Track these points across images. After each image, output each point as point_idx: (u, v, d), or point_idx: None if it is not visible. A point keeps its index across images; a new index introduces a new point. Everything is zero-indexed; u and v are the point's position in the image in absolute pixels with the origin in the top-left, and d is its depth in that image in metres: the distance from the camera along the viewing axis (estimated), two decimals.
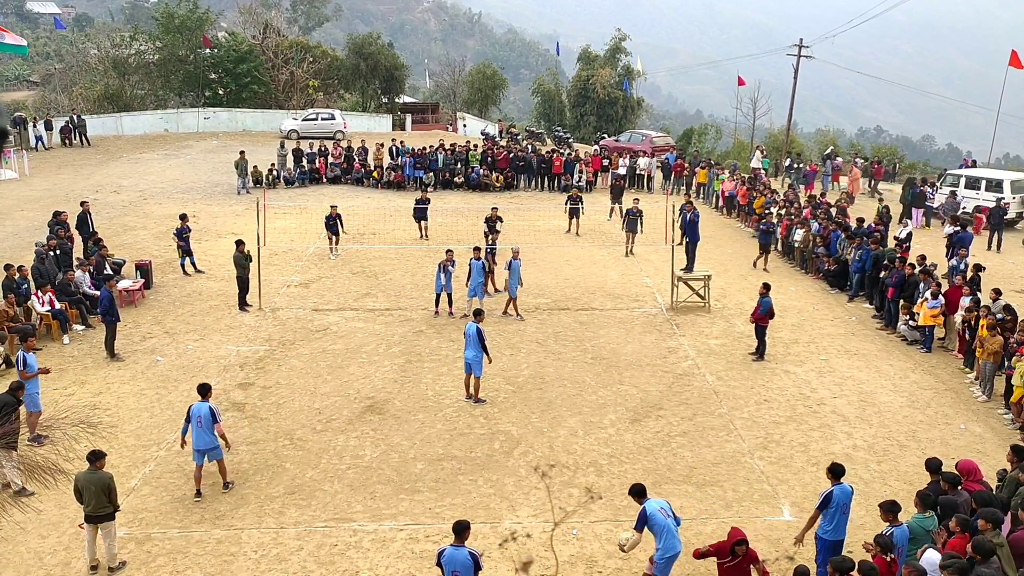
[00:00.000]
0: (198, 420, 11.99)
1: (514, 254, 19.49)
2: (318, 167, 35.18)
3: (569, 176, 34.70)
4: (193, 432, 12.06)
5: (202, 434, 12.00)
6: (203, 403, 12.15)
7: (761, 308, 17.17)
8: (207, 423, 11.99)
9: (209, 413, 12.03)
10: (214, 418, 12.04)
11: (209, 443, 12.09)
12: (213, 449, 12.20)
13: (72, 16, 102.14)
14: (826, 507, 9.99)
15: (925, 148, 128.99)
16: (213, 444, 12.15)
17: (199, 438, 12.02)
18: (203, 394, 12.31)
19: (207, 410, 12.04)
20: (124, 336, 18.00)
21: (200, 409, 12.06)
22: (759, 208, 28.20)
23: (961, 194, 29.04)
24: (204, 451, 12.11)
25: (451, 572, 8.93)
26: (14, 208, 28.69)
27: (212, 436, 12.10)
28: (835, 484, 10.07)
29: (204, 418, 11.98)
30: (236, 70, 51.78)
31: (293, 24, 74.24)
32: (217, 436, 12.18)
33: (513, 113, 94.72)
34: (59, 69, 66.03)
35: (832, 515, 10.00)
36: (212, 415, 12.04)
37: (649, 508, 9.56)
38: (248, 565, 10.84)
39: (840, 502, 9.98)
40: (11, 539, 11.18)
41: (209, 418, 12.00)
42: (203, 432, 12.00)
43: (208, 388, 12.48)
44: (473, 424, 14.64)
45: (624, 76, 56.68)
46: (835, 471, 10.17)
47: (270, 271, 22.04)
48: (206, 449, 12.11)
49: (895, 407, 15.44)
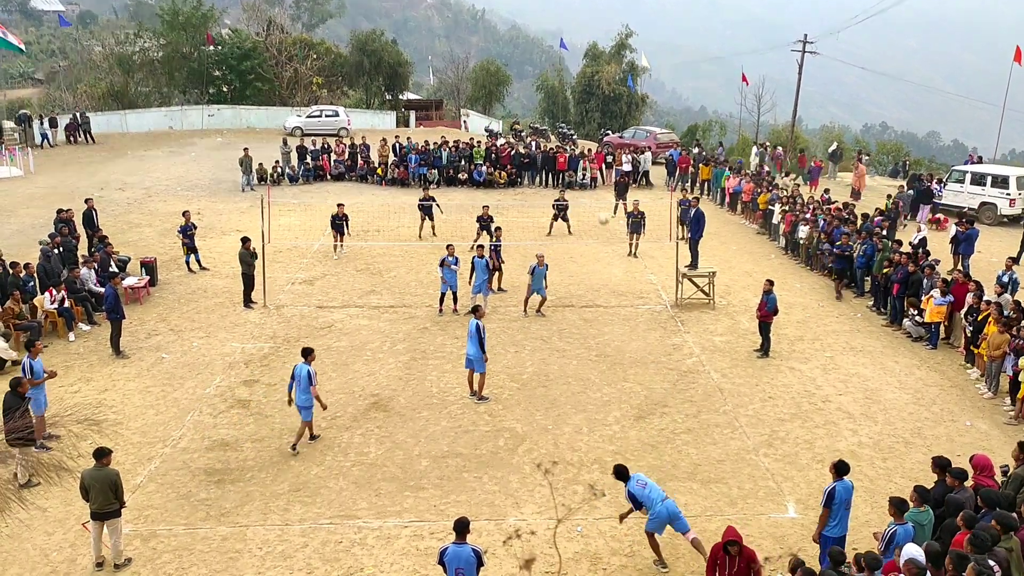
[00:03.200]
0: (296, 379, 13.34)
1: (539, 260, 19.38)
2: (322, 164, 35.21)
3: (573, 173, 34.69)
4: (295, 390, 13.45)
5: (299, 392, 13.36)
6: (304, 365, 13.36)
7: (767, 305, 17.14)
8: (304, 384, 13.24)
9: (307, 375, 13.27)
10: (310, 380, 13.28)
11: (304, 402, 13.37)
12: (305, 409, 13.42)
13: (76, 13, 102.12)
14: (831, 504, 9.96)
15: (930, 144, 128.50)
16: (308, 404, 13.40)
17: (299, 397, 13.40)
18: (305, 356, 13.51)
19: (306, 372, 13.27)
20: (129, 333, 18.04)
21: (300, 370, 13.33)
22: (763, 204, 28.17)
23: (967, 190, 29.04)
24: (303, 407, 13.42)
25: (455, 570, 8.93)
26: (19, 205, 28.75)
27: (307, 396, 13.33)
28: (837, 480, 10.05)
29: (302, 379, 13.24)
30: (240, 67, 51.80)
31: (297, 21, 74.29)
32: (312, 396, 13.37)
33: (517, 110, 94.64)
34: (63, 66, 66.21)
35: (835, 511, 9.99)
36: (308, 377, 13.28)
37: (630, 488, 10.60)
38: (253, 562, 10.86)
39: (843, 498, 9.97)
40: (17, 536, 11.22)
41: (306, 380, 13.26)
42: (300, 391, 13.33)
43: (310, 351, 13.66)
44: (478, 421, 14.64)
45: (629, 72, 56.58)
46: (839, 468, 10.14)
47: (275, 268, 22.07)
48: (304, 406, 13.40)
49: (900, 404, 15.41)
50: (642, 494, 10.48)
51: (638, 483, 10.57)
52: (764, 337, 17.55)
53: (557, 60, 67.18)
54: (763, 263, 24.49)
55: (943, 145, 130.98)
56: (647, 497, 10.47)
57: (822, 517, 10.14)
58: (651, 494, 10.49)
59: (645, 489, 10.50)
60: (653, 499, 10.46)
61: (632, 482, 10.62)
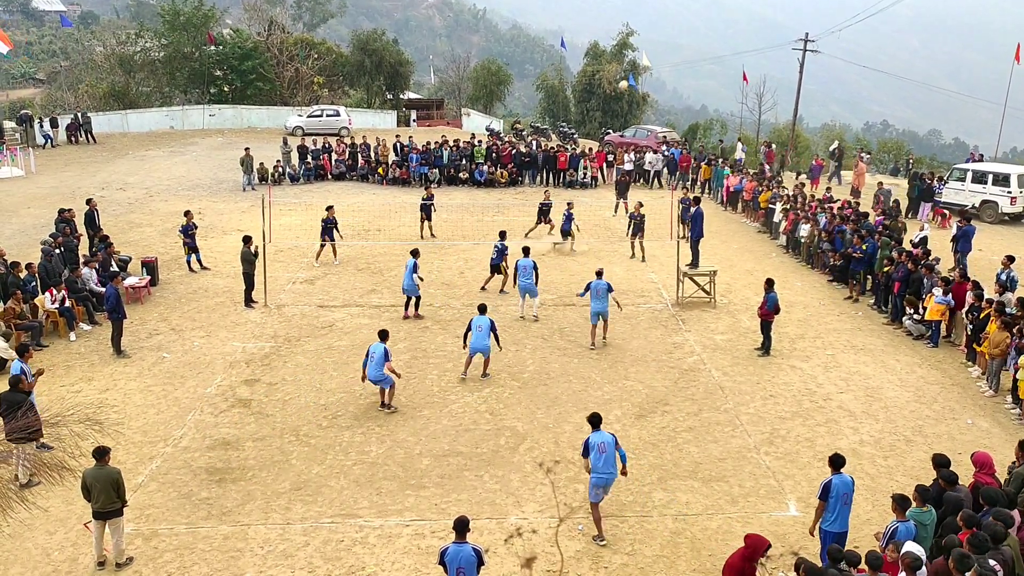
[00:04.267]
0: (371, 356, 14.56)
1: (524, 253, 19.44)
2: (323, 164, 35.23)
3: (574, 172, 34.70)
4: (369, 367, 14.57)
5: (373, 368, 14.59)
6: (379, 344, 14.69)
7: (768, 304, 17.14)
8: (379, 361, 14.53)
9: (383, 353, 14.55)
10: (386, 357, 14.61)
11: (378, 376, 14.62)
12: (382, 380, 14.72)
13: (78, 14, 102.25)
14: (826, 496, 9.94)
15: (932, 142, 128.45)
16: (382, 377, 14.67)
17: (372, 372, 14.61)
18: (382, 338, 14.90)
19: (382, 350, 14.56)
20: (130, 333, 18.06)
21: (376, 349, 14.59)
22: (764, 203, 28.16)
23: (968, 188, 29.01)
24: (376, 381, 14.71)
25: (456, 569, 8.91)
26: (20, 205, 28.78)
27: (381, 371, 14.59)
28: (834, 474, 10.03)
29: (377, 356, 14.52)
30: (241, 67, 51.84)
31: (298, 21, 74.51)
32: (387, 371, 14.67)
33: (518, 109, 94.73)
34: (65, 67, 66.31)
35: (833, 506, 9.94)
36: (385, 354, 14.59)
37: (590, 439, 11.13)
38: (255, 561, 10.87)
39: (840, 492, 9.92)
40: (18, 535, 11.24)
41: (381, 357, 14.55)
42: (374, 367, 14.57)
43: (386, 333, 15.17)
44: (479, 420, 14.65)
45: (630, 71, 56.58)
46: (835, 461, 10.13)
47: (276, 268, 22.08)
48: (376, 380, 14.68)
49: (901, 402, 15.40)
50: (594, 455, 11.02)
51: (601, 447, 11.02)
52: (765, 335, 17.54)
53: (558, 59, 67.17)
54: (764, 262, 24.48)
55: (944, 143, 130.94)
56: (596, 459, 11.00)
57: (818, 509, 10.15)
58: (599, 463, 10.99)
59: (601, 455, 10.99)
60: (598, 467, 11.00)
61: (597, 436, 11.13)
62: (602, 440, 11.07)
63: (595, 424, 11.26)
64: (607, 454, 11.01)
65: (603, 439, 11.08)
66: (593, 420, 11.32)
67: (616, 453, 11.14)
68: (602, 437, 11.11)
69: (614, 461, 11.11)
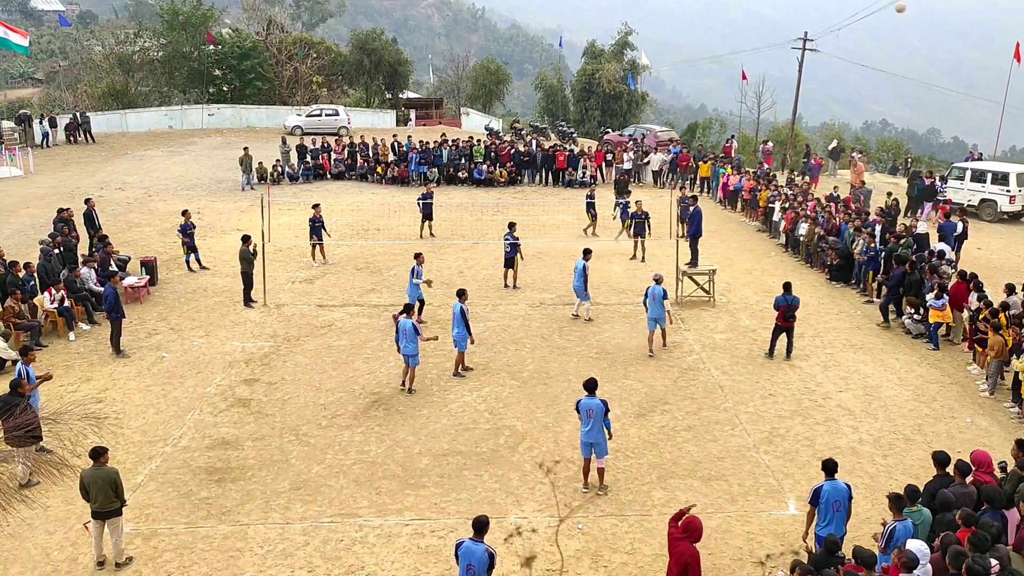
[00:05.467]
0: (403, 332, 15.00)
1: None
2: (322, 163, 35.22)
3: (573, 171, 34.70)
4: (401, 341, 15.11)
5: (406, 343, 15.00)
6: (407, 320, 15.13)
7: (787, 310, 16.76)
8: (411, 335, 14.94)
9: (411, 327, 14.95)
10: (416, 332, 15.01)
11: (410, 350, 15.04)
12: (412, 356, 15.13)
13: (76, 13, 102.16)
14: (816, 502, 9.88)
15: (931, 141, 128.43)
16: (414, 352, 15.07)
17: (405, 346, 15.07)
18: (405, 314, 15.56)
19: (410, 325, 14.97)
20: (129, 333, 18.05)
21: (404, 325, 15.04)
22: (763, 202, 28.16)
23: (967, 187, 29.02)
24: (406, 356, 15.15)
25: (466, 566, 8.87)
26: (19, 205, 28.76)
27: (413, 345, 15.02)
28: (827, 480, 9.95)
29: (407, 330, 14.92)
30: (240, 66, 51.81)
31: (297, 20, 74.48)
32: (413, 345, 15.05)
33: (517, 108, 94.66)
34: (64, 66, 66.26)
35: (823, 512, 9.86)
36: (413, 329, 14.98)
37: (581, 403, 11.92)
38: (254, 560, 10.87)
39: (831, 498, 9.80)
40: (18, 535, 11.23)
41: (411, 331, 14.94)
42: (407, 342, 14.97)
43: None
44: (478, 419, 14.65)
45: (629, 70, 56.56)
46: (827, 467, 10.04)
47: (275, 267, 22.07)
48: (407, 355, 15.12)
49: (901, 401, 15.41)
50: (583, 419, 11.87)
51: (589, 412, 11.72)
52: (788, 340, 17.16)
53: (557, 59, 67.17)
54: (763, 261, 24.49)
55: (943, 142, 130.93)
56: (584, 423, 11.89)
57: (808, 514, 10.13)
58: (585, 428, 11.85)
59: (589, 420, 11.76)
60: (584, 431, 11.91)
61: (587, 402, 11.78)
62: (590, 407, 11.74)
63: (590, 390, 11.89)
64: (594, 420, 11.72)
65: (591, 405, 11.75)
66: (588, 386, 11.95)
67: (603, 424, 11.82)
68: (591, 403, 11.76)
69: (600, 430, 11.82)
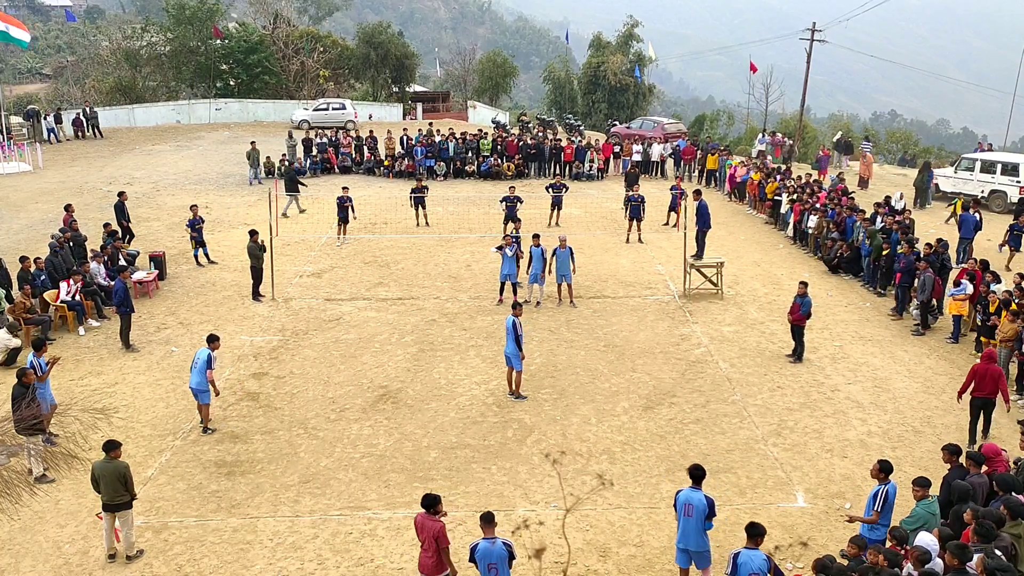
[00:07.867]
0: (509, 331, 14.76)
1: (561, 243, 19.39)
2: (329, 157, 35.25)
3: (580, 164, 34.66)
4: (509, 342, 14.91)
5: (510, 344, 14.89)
6: (511, 317, 14.92)
7: (801, 308, 16.51)
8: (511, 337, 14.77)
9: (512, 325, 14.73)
10: (516, 329, 14.68)
11: (511, 350, 14.90)
12: (513, 357, 14.97)
13: (83, 8, 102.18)
14: (884, 507, 9.68)
15: (940, 132, 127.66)
16: (514, 352, 14.89)
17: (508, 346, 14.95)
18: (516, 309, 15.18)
19: (510, 324, 14.75)
20: (139, 327, 18.13)
21: (510, 321, 14.81)
22: (771, 194, 28.06)
23: (976, 178, 28.88)
24: (509, 358, 15.05)
25: (487, 566, 8.81)
26: (28, 200, 28.88)
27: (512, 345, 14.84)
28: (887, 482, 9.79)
29: (508, 329, 14.78)
30: (247, 61, 51.81)
31: (303, 14, 74.29)
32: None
33: (524, 101, 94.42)
34: (71, 62, 66.30)
35: (885, 514, 9.74)
36: (514, 326, 14.69)
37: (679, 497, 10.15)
38: (264, 553, 10.93)
39: (893, 501, 9.74)
40: (30, 528, 11.32)
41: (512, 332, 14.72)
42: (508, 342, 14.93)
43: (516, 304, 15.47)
44: (486, 412, 14.67)
45: (636, 63, 56.36)
46: (884, 468, 9.83)
47: (283, 261, 22.13)
48: (509, 356, 15.03)
49: (910, 393, 15.37)
50: (681, 517, 9.82)
51: (688, 509, 9.71)
52: (798, 341, 16.87)
53: (564, 51, 66.95)
54: (771, 253, 24.43)
55: (953, 133, 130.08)
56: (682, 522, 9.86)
57: (870, 520, 9.81)
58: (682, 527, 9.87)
59: (686, 519, 9.75)
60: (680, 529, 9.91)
61: (690, 494, 9.74)
62: (690, 501, 9.72)
63: (695, 479, 9.87)
64: (694, 521, 9.70)
65: (692, 499, 9.72)
66: (694, 473, 9.93)
67: (703, 528, 9.78)
68: (693, 497, 9.73)
69: (701, 534, 9.77)
